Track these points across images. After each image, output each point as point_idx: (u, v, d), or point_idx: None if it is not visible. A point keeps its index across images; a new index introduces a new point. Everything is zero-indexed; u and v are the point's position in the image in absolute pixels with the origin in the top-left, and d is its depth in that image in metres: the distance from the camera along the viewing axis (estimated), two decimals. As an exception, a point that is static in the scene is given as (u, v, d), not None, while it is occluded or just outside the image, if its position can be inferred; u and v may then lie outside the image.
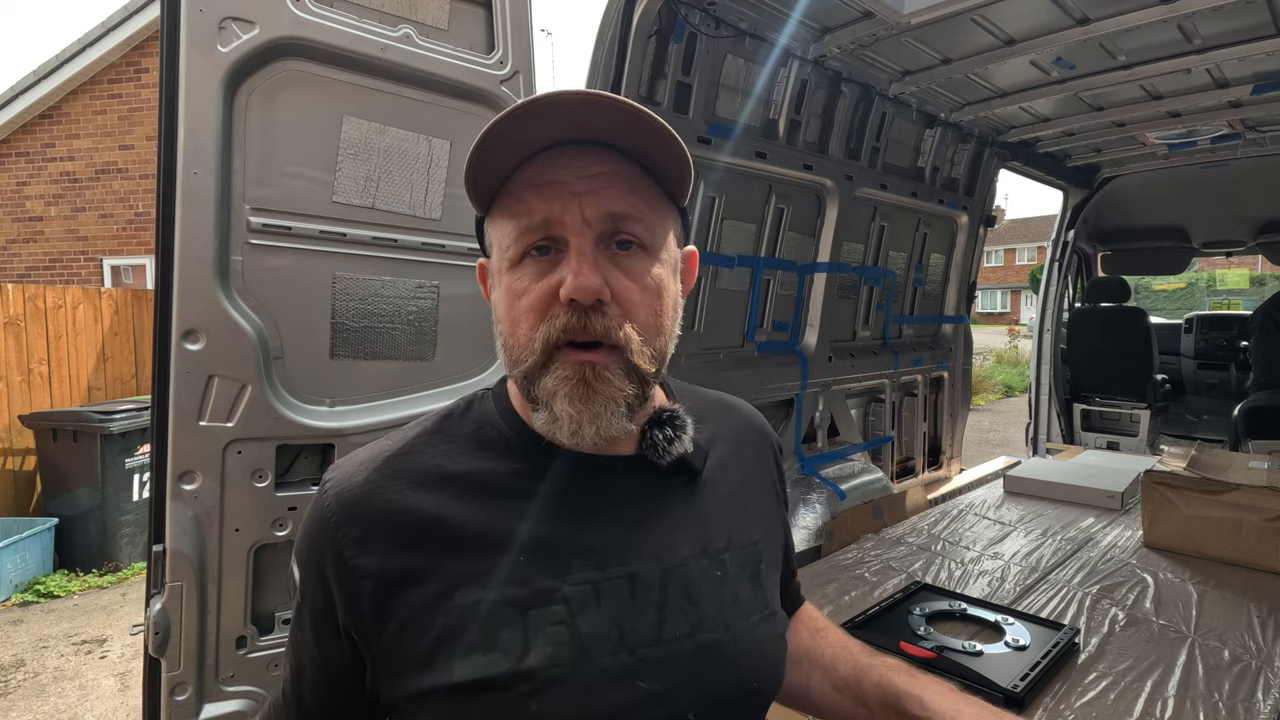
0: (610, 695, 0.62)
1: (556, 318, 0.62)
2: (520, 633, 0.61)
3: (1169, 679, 1.45)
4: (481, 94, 1.73)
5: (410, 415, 1.72)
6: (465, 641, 0.61)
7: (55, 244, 8.27)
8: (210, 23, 1.39)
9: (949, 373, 4.21)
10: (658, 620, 0.66)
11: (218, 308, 1.45)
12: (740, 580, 0.73)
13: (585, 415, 0.62)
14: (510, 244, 0.64)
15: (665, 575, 0.68)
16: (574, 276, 0.60)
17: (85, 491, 4.73)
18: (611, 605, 0.64)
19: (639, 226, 0.65)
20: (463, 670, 0.60)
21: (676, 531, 0.70)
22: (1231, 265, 20.76)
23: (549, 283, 0.62)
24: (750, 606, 0.72)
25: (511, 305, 0.64)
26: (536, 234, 0.63)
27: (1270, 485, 2.23)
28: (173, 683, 1.47)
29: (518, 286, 0.64)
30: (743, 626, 0.70)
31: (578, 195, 0.62)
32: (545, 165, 0.63)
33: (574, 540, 0.66)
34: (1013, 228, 42.43)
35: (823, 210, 3.18)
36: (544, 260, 0.63)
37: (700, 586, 0.69)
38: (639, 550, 0.68)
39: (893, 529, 2.53)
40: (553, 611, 0.63)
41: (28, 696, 3.30)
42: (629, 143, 0.64)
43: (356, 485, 0.66)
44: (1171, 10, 2.34)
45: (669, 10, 2.25)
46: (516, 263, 0.64)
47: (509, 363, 0.66)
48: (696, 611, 0.68)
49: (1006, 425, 10.50)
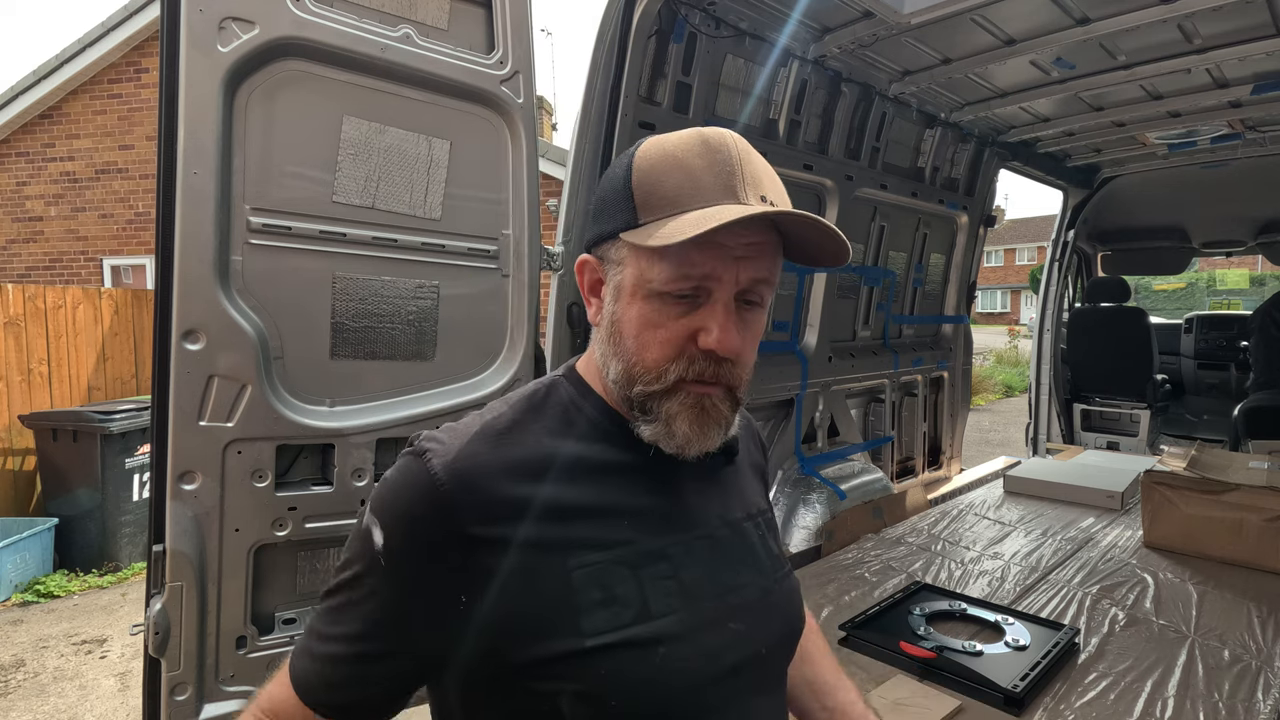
0: (712, 636, 0.72)
1: (695, 361, 0.70)
2: (636, 587, 0.69)
3: (1169, 679, 1.45)
4: (481, 94, 1.73)
5: (410, 415, 1.73)
6: (589, 599, 0.67)
7: (55, 244, 8.27)
8: (210, 23, 1.39)
9: (949, 373, 4.21)
10: (735, 571, 0.77)
11: (218, 308, 1.45)
12: (769, 540, 0.86)
13: (697, 436, 0.72)
14: (660, 281, 0.69)
15: (732, 534, 0.80)
16: (722, 334, 0.69)
17: (85, 491, 4.73)
18: (702, 560, 0.75)
19: (768, 290, 0.74)
20: (590, 625, 0.66)
21: (728, 500, 0.83)
22: (1231, 265, 20.75)
23: (689, 325, 0.70)
24: (780, 561, 0.85)
25: (645, 331, 0.71)
26: (691, 283, 0.69)
27: (1270, 485, 2.23)
28: (173, 683, 1.47)
29: (656, 318, 0.70)
30: (779, 577, 0.83)
31: (737, 260, 0.69)
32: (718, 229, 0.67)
33: (664, 509, 0.75)
34: (1013, 228, 42.42)
35: (823, 210, 3.18)
36: (684, 302, 0.70)
37: (753, 544, 0.82)
38: (710, 516, 0.79)
39: (893, 529, 2.53)
40: (660, 567, 0.72)
41: (28, 696, 3.30)
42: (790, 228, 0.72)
43: (466, 457, 0.70)
44: (1171, 10, 2.34)
45: (669, 10, 2.25)
46: (658, 294, 0.70)
47: (627, 376, 0.72)
48: (756, 564, 0.81)
49: (1006, 425, 10.50)
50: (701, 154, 0.70)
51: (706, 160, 0.70)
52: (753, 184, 0.70)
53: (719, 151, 0.70)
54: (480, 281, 1.82)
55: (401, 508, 0.69)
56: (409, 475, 0.70)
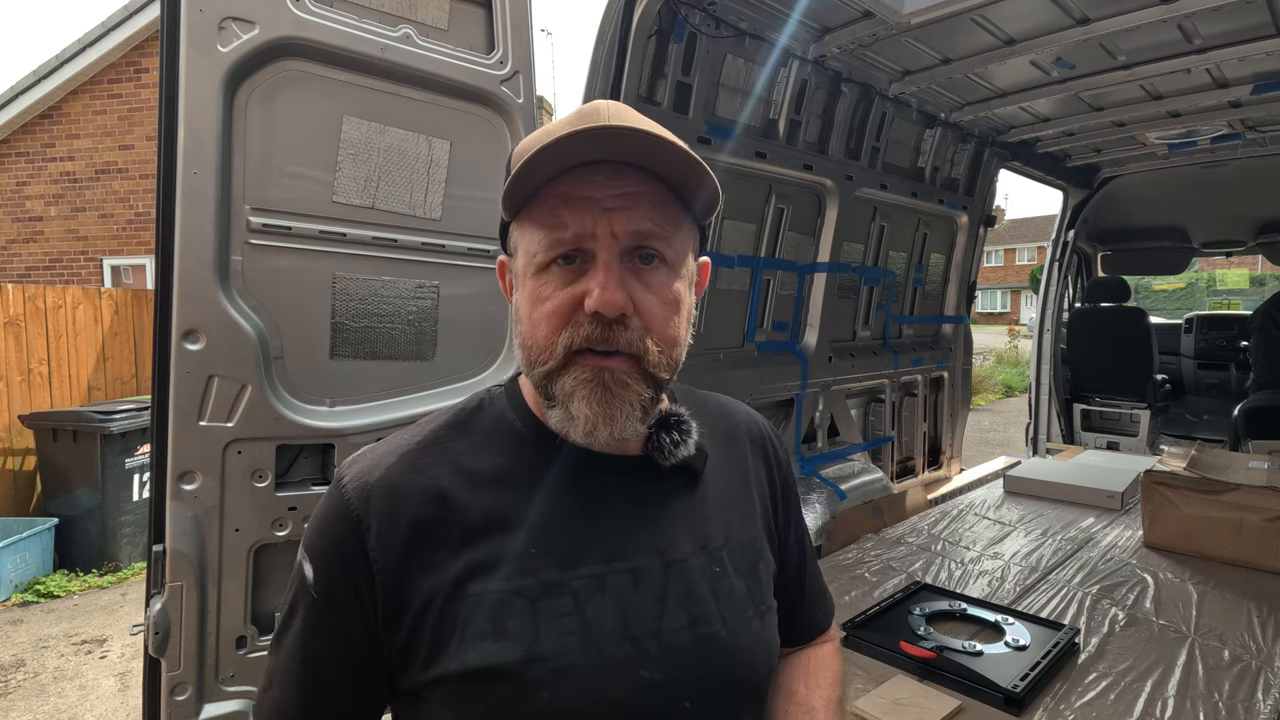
0: (614, 683, 0.65)
1: (580, 326, 0.65)
2: (530, 622, 0.64)
3: (1169, 679, 1.45)
4: (481, 94, 1.73)
5: (410, 415, 1.73)
6: (477, 630, 0.64)
7: (55, 244, 8.26)
8: (210, 23, 1.39)
9: (949, 373, 4.21)
10: (658, 613, 0.69)
11: (218, 308, 1.45)
12: (737, 577, 0.75)
13: (602, 416, 0.66)
14: (539, 251, 0.67)
15: (666, 570, 0.71)
16: (601, 290, 0.64)
17: (85, 491, 4.73)
18: (616, 598, 0.68)
19: (662, 244, 0.68)
20: (474, 657, 0.63)
21: (678, 530, 0.73)
22: (1231, 265, 20.76)
23: (573, 291, 0.65)
24: (746, 602, 0.75)
25: (534, 309, 0.67)
26: (566, 245, 0.65)
27: (1270, 485, 2.23)
28: (173, 683, 1.47)
29: (542, 292, 0.67)
30: (739, 621, 0.73)
31: (608, 211, 0.65)
32: (579, 181, 0.66)
33: (582, 535, 0.69)
34: (1013, 228, 42.42)
35: (823, 210, 3.18)
36: (569, 269, 0.66)
37: (699, 582, 0.72)
38: (642, 546, 0.71)
39: (893, 529, 2.53)
40: (561, 603, 0.66)
41: (28, 696, 3.30)
42: (660, 166, 0.67)
43: (376, 479, 0.68)
44: (1171, 10, 2.34)
45: (669, 10, 2.25)
46: (543, 269, 0.67)
47: (528, 362, 0.69)
48: (695, 606, 0.71)
49: (1006, 425, 10.50)
50: (572, 119, 0.66)
51: (570, 117, 0.67)
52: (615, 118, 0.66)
53: (585, 109, 0.67)
54: (480, 281, 1.81)
55: (322, 536, 0.69)
56: (327, 504, 0.70)
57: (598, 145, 0.64)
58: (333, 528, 0.68)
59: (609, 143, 0.64)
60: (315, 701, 0.70)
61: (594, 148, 0.64)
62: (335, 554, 0.68)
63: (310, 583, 0.69)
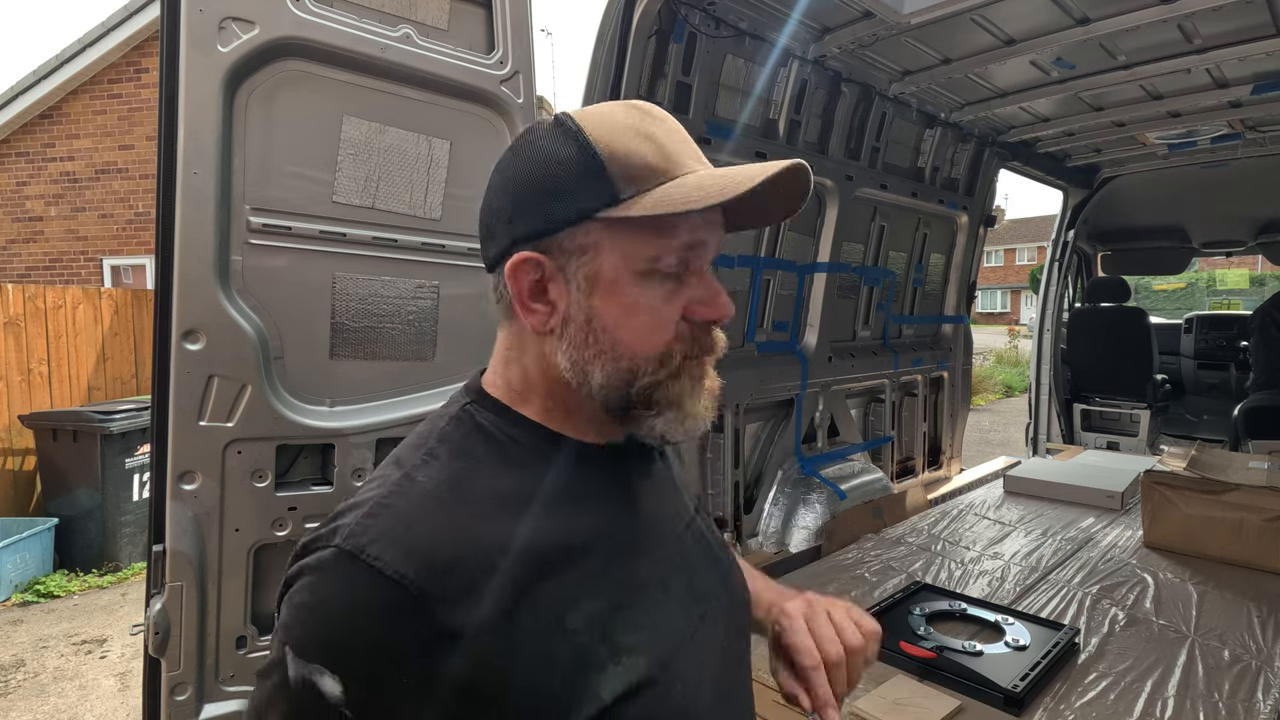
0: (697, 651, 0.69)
1: (698, 336, 0.67)
2: (633, 627, 0.63)
3: (1169, 679, 1.45)
4: (481, 94, 1.73)
5: (410, 415, 1.73)
6: (599, 657, 0.60)
7: (55, 244, 8.27)
8: (210, 23, 1.39)
9: (949, 373, 4.21)
10: (704, 575, 0.76)
11: (218, 308, 1.45)
12: (709, 523, 0.85)
13: (709, 411, 0.69)
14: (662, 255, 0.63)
15: (689, 529, 0.79)
16: (725, 299, 0.67)
17: (85, 491, 4.73)
18: (680, 569, 0.72)
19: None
20: (610, 687, 0.59)
21: (678, 496, 0.81)
22: (1231, 265, 20.75)
23: (679, 300, 0.66)
24: (720, 538, 0.86)
25: (639, 317, 0.64)
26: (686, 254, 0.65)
27: (1270, 485, 2.23)
28: (173, 683, 1.47)
29: (649, 301, 0.64)
30: (729, 555, 0.84)
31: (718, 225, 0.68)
32: None
33: (632, 528, 0.71)
34: (1013, 228, 42.40)
35: (823, 210, 3.18)
36: (669, 279, 0.65)
37: (705, 533, 0.81)
38: (670, 521, 0.77)
39: (893, 529, 2.53)
40: (649, 596, 0.67)
41: (28, 696, 3.30)
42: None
43: (424, 535, 0.57)
44: (1171, 10, 2.34)
45: (669, 10, 2.25)
46: (645, 276, 0.64)
47: (628, 374, 0.64)
48: (711, 550, 0.80)
49: (1006, 425, 10.50)
50: (653, 122, 0.66)
51: (662, 129, 0.66)
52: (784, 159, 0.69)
53: (665, 120, 0.67)
54: (480, 281, 1.81)
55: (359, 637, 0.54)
56: (350, 586, 0.55)
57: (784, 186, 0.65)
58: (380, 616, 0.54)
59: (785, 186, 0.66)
60: None
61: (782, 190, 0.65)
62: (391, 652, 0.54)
63: (339, 700, 0.53)
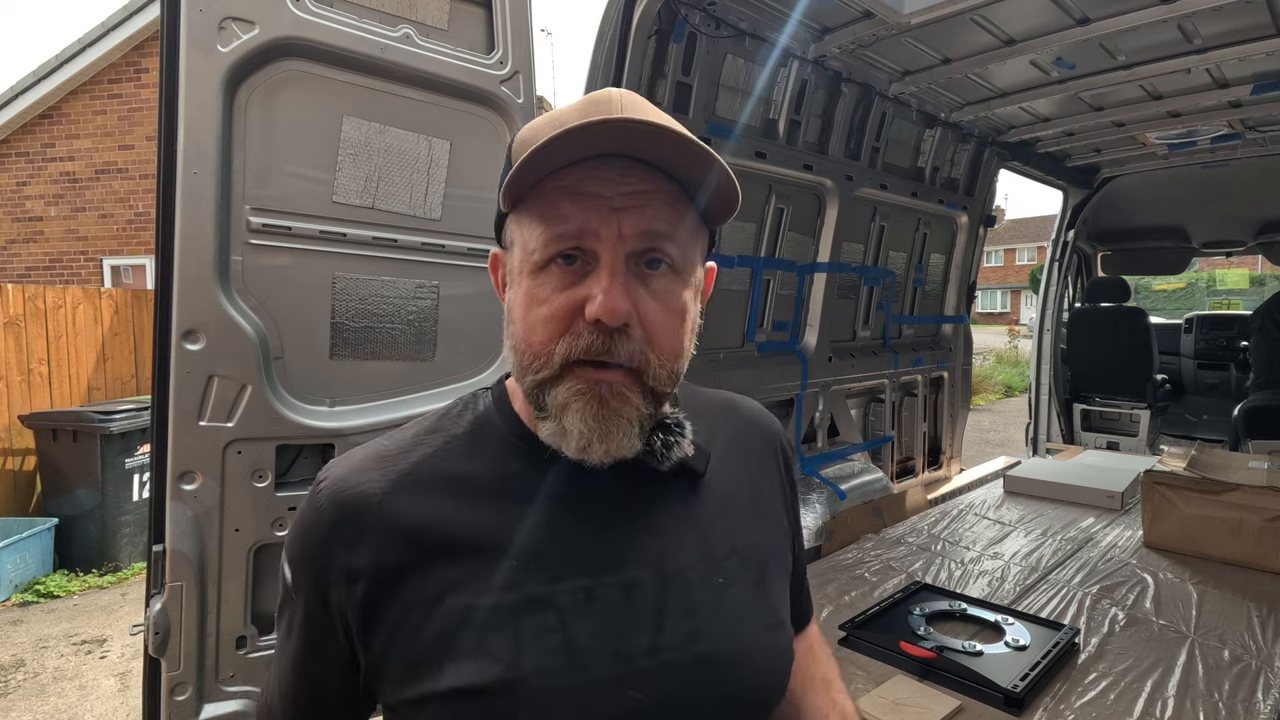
0: (600, 706, 0.61)
1: (580, 336, 0.60)
2: (511, 640, 0.60)
3: (1169, 679, 1.45)
4: (481, 94, 1.73)
5: (410, 415, 1.72)
6: (457, 647, 0.61)
7: (55, 244, 8.26)
8: (210, 23, 1.39)
9: (949, 373, 4.21)
10: (654, 629, 0.64)
11: (218, 308, 1.45)
12: (744, 588, 0.70)
13: (597, 433, 0.61)
14: (538, 248, 0.62)
15: (664, 582, 0.66)
16: (604, 297, 0.59)
17: (85, 491, 4.73)
18: (606, 613, 0.63)
19: (672, 247, 0.63)
20: (453, 677, 0.60)
21: (678, 537, 0.69)
22: (1231, 265, 20.75)
23: (573, 295, 0.61)
24: (753, 615, 0.70)
25: (529, 311, 0.62)
26: (568, 243, 0.61)
27: (1270, 485, 2.23)
28: (173, 683, 1.47)
29: (539, 293, 0.62)
30: (745, 635, 0.68)
31: (616, 210, 0.60)
32: (587, 175, 0.61)
33: (569, 546, 0.65)
34: (1013, 228, 42.41)
35: (823, 210, 3.18)
36: (570, 270, 0.61)
37: (700, 594, 0.67)
38: (637, 557, 0.66)
39: (893, 529, 2.53)
40: (545, 619, 0.62)
41: (28, 696, 3.30)
42: (678, 167, 0.63)
43: (352, 485, 0.65)
44: (1171, 10, 2.34)
45: (669, 10, 2.25)
46: (541, 268, 0.62)
47: (519, 367, 0.64)
48: (695, 620, 0.66)
49: (1006, 425, 10.50)
50: (578, 104, 0.63)
51: (580, 105, 0.62)
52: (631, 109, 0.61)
53: (596, 96, 0.63)
54: (480, 281, 1.81)
55: (299, 544, 0.67)
56: (305, 508, 0.68)
57: (614, 139, 0.59)
58: (308, 534, 0.66)
59: (626, 137, 0.59)
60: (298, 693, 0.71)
61: (609, 141, 0.59)
62: (310, 561, 0.66)
63: (290, 586, 0.68)
